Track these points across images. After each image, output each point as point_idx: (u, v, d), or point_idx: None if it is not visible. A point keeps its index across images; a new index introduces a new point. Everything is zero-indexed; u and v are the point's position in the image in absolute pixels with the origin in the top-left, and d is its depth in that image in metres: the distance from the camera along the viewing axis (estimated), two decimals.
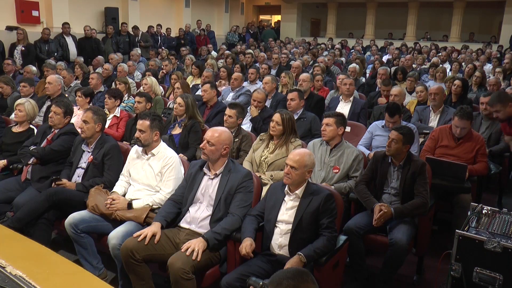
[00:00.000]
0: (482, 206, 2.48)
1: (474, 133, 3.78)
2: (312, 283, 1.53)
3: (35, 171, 3.49)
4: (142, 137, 3.02)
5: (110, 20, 11.03)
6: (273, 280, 1.55)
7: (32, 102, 4.05)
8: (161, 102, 5.42)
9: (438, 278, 2.87)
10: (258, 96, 4.53)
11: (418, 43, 13.97)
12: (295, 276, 1.53)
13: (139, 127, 3.03)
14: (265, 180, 3.28)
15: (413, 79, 6.18)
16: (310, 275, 1.56)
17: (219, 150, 2.73)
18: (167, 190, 2.98)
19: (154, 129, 3.04)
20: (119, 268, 2.76)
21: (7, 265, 1.53)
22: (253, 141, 3.78)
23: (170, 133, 4.10)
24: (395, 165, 3.12)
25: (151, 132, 3.03)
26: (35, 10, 9.42)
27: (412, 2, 15.75)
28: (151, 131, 3.03)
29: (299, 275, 1.54)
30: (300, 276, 1.53)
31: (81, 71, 7.07)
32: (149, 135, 3.03)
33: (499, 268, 2.15)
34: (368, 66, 9.39)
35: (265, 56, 9.32)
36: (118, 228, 2.81)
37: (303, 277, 1.53)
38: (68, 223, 2.88)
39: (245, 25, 16.54)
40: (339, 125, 3.35)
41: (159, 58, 9.21)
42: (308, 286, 1.52)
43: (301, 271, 1.57)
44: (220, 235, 2.57)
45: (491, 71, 8.25)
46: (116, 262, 2.76)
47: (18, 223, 2.98)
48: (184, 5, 13.82)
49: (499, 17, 14.68)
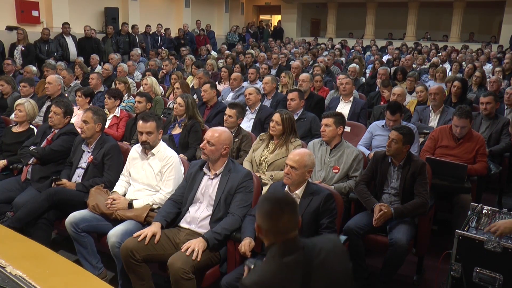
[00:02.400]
0: (482, 206, 2.49)
1: (474, 133, 3.78)
2: (288, 214, 1.63)
3: (35, 171, 3.49)
4: (151, 139, 3.02)
5: (110, 20, 11.04)
6: (259, 200, 1.74)
7: (32, 102, 4.05)
8: (161, 102, 5.42)
9: (438, 278, 2.87)
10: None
11: (418, 43, 13.97)
12: (275, 202, 1.66)
13: (148, 130, 2.99)
14: (265, 180, 3.28)
15: (413, 79, 6.17)
16: (292, 206, 1.67)
17: (219, 150, 2.73)
18: (168, 190, 2.98)
19: (159, 129, 3.07)
20: (119, 268, 2.76)
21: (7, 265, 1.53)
22: (253, 141, 3.78)
23: (170, 133, 4.10)
24: (395, 165, 3.12)
25: (157, 132, 3.04)
26: (35, 10, 9.43)
27: (412, 2, 15.75)
28: (157, 132, 3.05)
29: (279, 202, 1.67)
30: (279, 203, 1.66)
31: (81, 71, 7.07)
32: (156, 136, 3.05)
33: (499, 268, 2.15)
34: (368, 66, 9.39)
35: (265, 56, 9.32)
36: (117, 226, 2.81)
37: (281, 205, 1.65)
38: (69, 222, 2.88)
39: (245, 25, 16.54)
40: (339, 124, 3.35)
41: (159, 58, 9.22)
42: (282, 216, 1.63)
43: (283, 200, 1.68)
44: (220, 235, 2.57)
45: (491, 71, 8.24)
46: (116, 261, 2.76)
47: (18, 223, 2.98)
48: (184, 5, 13.82)
49: (499, 17, 14.68)
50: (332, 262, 1.65)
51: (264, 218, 1.65)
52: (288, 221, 1.63)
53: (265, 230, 1.66)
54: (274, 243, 1.65)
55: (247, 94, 4.71)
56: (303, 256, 1.60)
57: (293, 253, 1.60)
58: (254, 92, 4.69)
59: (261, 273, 1.63)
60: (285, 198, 1.71)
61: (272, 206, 1.65)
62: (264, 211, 1.66)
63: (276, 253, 1.63)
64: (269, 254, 1.66)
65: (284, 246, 1.62)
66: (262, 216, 1.66)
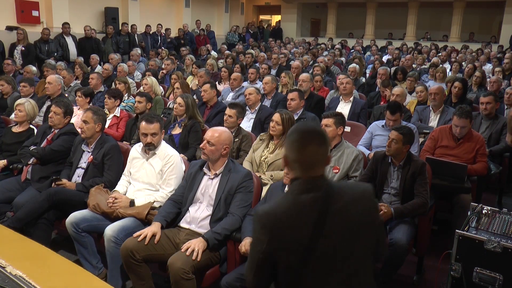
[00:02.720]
0: (482, 206, 2.48)
1: (474, 133, 3.78)
2: (315, 145, 1.56)
3: (35, 171, 3.49)
4: (155, 140, 3.03)
5: (110, 20, 11.04)
6: (291, 128, 1.65)
7: (32, 102, 4.05)
8: (161, 102, 5.42)
9: (438, 278, 2.87)
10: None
11: (418, 43, 13.97)
12: (304, 131, 1.60)
13: (153, 131, 3.00)
14: (265, 180, 3.27)
15: (413, 79, 6.17)
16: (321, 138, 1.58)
17: (219, 150, 2.73)
18: (169, 189, 2.99)
19: (162, 130, 3.08)
20: (109, 260, 2.75)
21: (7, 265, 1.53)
22: (253, 141, 3.78)
23: (170, 133, 4.10)
24: (395, 165, 3.12)
25: (161, 133, 3.06)
26: (35, 10, 9.43)
27: (412, 2, 15.76)
28: (161, 133, 3.06)
29: (308, 132, 1.59)
30: (307, 132, 1.59)
31: (81, 71, 7.07)
32: (160, 137, 3.06)
33: (499, 268, 2.15)
34: (368, 66, 9.39)
35: (265, 56, 9.33)
36: (115, 222, 2.82)
37: (309, 134, 1.58)
38: (69, 222, 2.89)
39: (245, 25, 16.54)
40: (339, 125, 3.35)
41: (159, 58, 9.22)
42: (309, 147, 1.55)
43: (313, 130, 1.61)
44: (220, 235, 2.57)
45: (491, 71, 8.25)
46: (107, 256, 2.75)
47: (18, 223, 2.98)
48: (184, 5, 13.83)
49: (499, 17, 14.69)
50: (353, 212, 1.55)
51: (291, 146, 1.58)
52: (315, 153, 1.55)
53: (291, 160, 1.59)
54: (297, 178, 1.58)
55: (247, 94, 4.70)
56: (322, 199, 1.52)
57: (311, 192, 1.53)
58: (254, 92, 4.69)
59: (275, 205, 1.59)
60: (315, 129, 1.62)
61: (300, 135, 1.58)
62: (292, 139, 1.59)
63: (295, 188, 1.57)
64: (289, 188, 1.62)
65: (305, 183, 1.55)
66: (289, 144, 1.59)
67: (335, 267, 1.54)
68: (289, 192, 1.60)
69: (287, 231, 1.52)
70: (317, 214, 1.51)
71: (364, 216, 1.57)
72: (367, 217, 1.58)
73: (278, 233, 1.53)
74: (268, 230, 1.54)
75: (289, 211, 1.54)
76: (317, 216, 1.51)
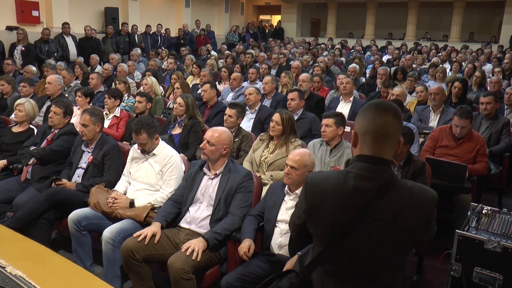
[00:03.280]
0: (482, 206, 2.48)
1: (474, 133, 3.78)
2: (391, 116, 1.45)
3: (35, 171, 3.49)
4: (146, 146, 3.05)
5: (110, 20, 11.04)
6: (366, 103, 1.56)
7: (32, 102, 4.05)
8: (161, 102, 5.42)
9: (438, 278, 2.87)
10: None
11: (418, 43, 13.97)
12: (379, 103, 1.52)
13: (141, 141, 3.02)
14: (265, 180, 3.27)
15: (413, 79, 6.17)
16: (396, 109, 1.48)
17: (219, 150, 2.73)
18: (169, 189, 2.99)
19: (153, 136, 3.05)
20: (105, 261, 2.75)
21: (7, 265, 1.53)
22: (253, 141, 3.78)
23: (170, 133, 4.10)
24: (395, 165, 3.12)
25: (151, 140, 3.05)
26: (35, 10, 9.43)
27: (412, 2, 15.76)
28: (151, 139, 3.05)
29: (383, 104, 1.52)
30: (383, 104, 1.51)
31: (81, 71, 7.07)
32: (151, 143, 3.06)
33: (499, 268, 2.15)
34: (368, 66, 9.39)
35: (265, 56, 9.33)
36: (114, 224, 2.82)
37: (386, 107, 1.48)
38: (71, 219, 2.90)
39: (245, 25, 16.54)
40: (339, 125, 3.35)
41: (159, 58, 9.22)
42: (387, 120, 1.45)
43: (389, 104, 1.51)
44: (220, 235, 2.57)
45: (491, 71, 8.25)
46: (103, 257, 2.74)
47: (18, 223, 2.98)
48: (184, 5, 13.83)
49: (499, 17, 14.69)
50: (399, 225, 1.42)
51: (363, 117, 1.49)
52: (389, 123, 1.46)
53: (361, 133, 1.48)
54: (363, 156, 1.47)
55: (247, 94, 4.70)
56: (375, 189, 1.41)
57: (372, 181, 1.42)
58: (254, 92, 4.68)
59: (326, 175, 1.57)
60: (391, 103, 1.53)
61: (375, 106, 1.49)
62: (366, 111, 1.49)
63: (352, 167, 1.47)
64: (350, 167, 1.49)
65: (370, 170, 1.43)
66: (361, 116, 1.50)
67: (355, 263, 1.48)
68: (350, 170, 1.47)
69: (325, 213, 1.49)
70: (361, 202, 1.42)
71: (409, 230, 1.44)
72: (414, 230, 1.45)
73: (315, 210, 1.51)
74: (309, 200, 1.53)
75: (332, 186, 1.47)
76: (362, 210, 1.42)
